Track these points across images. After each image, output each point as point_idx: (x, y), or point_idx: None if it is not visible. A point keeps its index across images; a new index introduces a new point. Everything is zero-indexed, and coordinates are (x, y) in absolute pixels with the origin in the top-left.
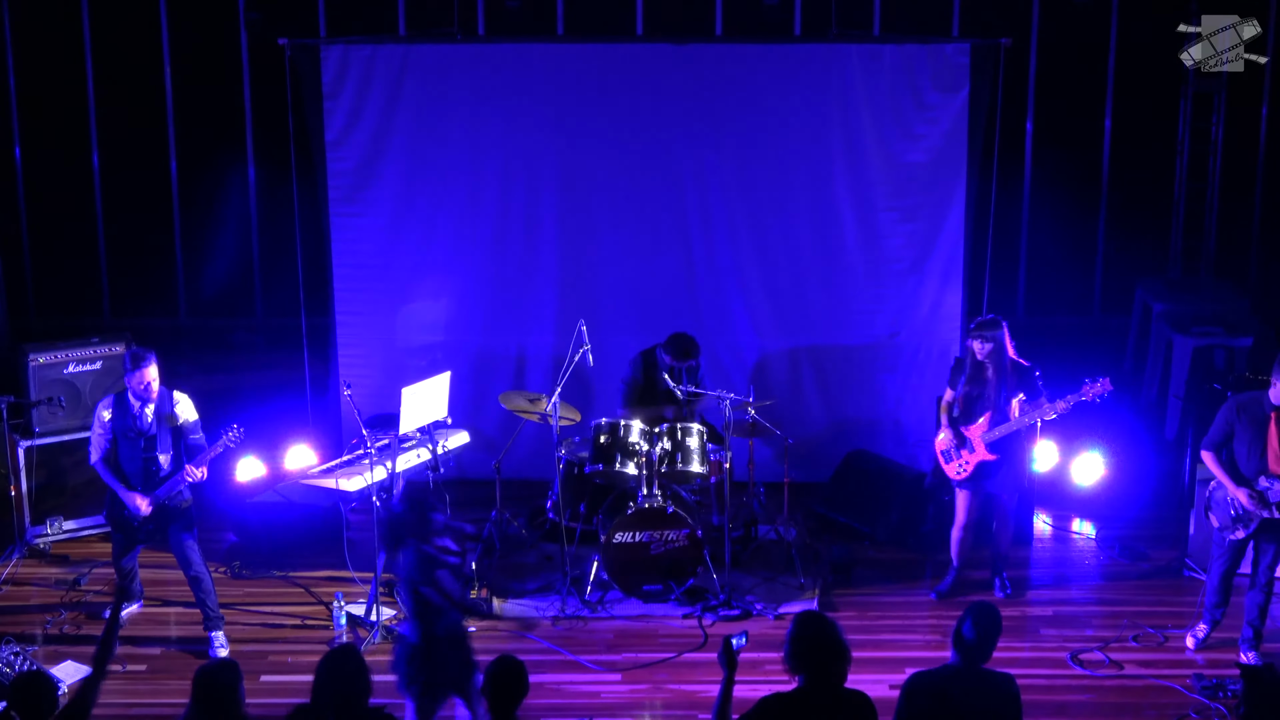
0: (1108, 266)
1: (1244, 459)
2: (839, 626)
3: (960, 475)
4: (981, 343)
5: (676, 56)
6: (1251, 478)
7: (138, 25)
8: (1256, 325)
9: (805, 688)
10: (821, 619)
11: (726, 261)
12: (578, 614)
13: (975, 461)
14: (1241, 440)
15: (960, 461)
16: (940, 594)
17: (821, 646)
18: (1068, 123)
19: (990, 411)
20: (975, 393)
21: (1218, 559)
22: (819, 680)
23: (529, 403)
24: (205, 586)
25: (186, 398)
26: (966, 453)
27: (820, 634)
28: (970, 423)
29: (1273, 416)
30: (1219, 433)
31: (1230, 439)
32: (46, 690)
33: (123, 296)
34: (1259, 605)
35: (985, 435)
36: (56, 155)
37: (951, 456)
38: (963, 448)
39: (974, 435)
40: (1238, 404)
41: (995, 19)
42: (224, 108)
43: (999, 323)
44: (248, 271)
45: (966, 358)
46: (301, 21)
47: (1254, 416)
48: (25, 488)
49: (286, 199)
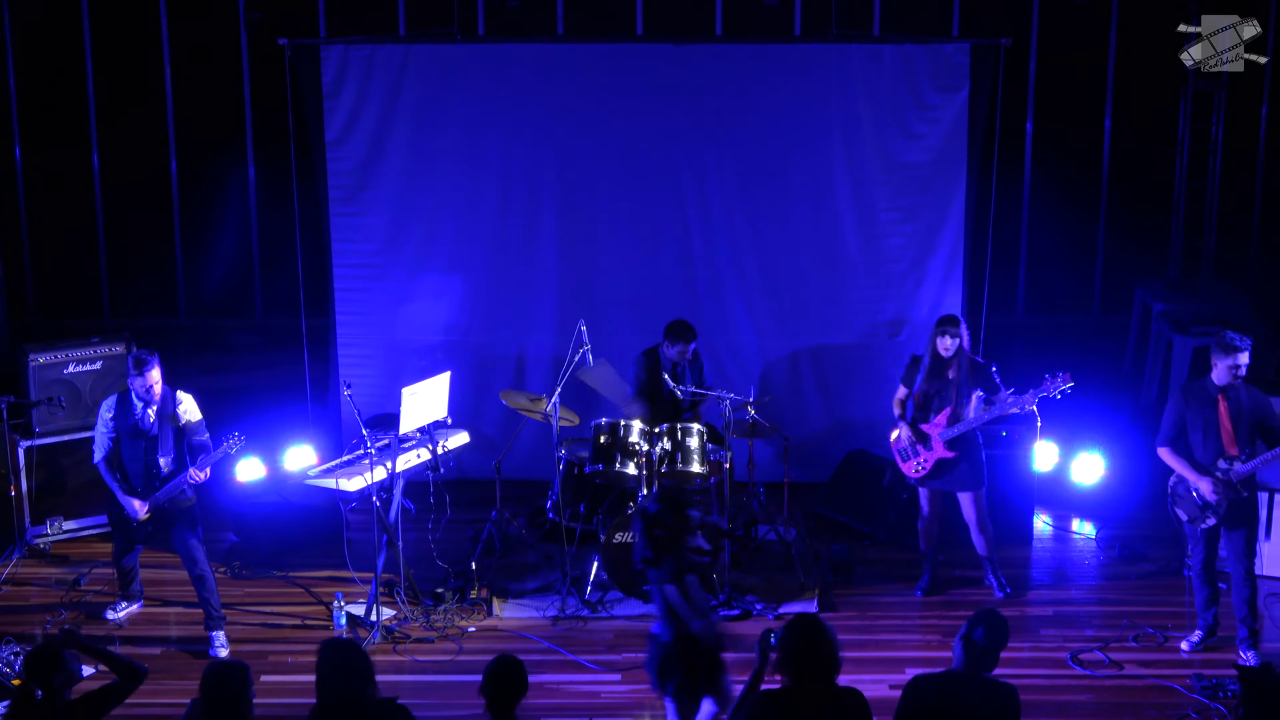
0: (1108, 266)
1: (1199, 446)
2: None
3: (919, 473)
4: (950, 339)
5: (676, 56)
6: (1209, 464)
7: (138, 25)
8: (1256, 325)
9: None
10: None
11: (726, 261)
12: (578, 614)
13: (934, 459)
14: (1195, 428)
15: (919, 460)
16: (924, 590)
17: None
18: (1068, 122)
19: (949, 409)
20: (934, 390)
21: (1195, 552)
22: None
23: (530, 402)
24: (209, 585)
25: (190, 398)
26: (924, 450)
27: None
28: (927, 420)
29: (1219, 399)
30: (1172, 426)
31: (1183, 431)
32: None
33: (123, 296)
34: (1246, 601)
35: (944, 433)
36: (56, 155)
37: (909, 455)
38: (920, 445)
39: (933, 433)
40: (1184, 394)
41: (995, 19)
42: (224, 108)
43: (960, 320)
44: (248, 271)
45: (926, 355)
46: (301, 21)
47: (1201, 401)
48: (25, 488)
49: (286, 199)
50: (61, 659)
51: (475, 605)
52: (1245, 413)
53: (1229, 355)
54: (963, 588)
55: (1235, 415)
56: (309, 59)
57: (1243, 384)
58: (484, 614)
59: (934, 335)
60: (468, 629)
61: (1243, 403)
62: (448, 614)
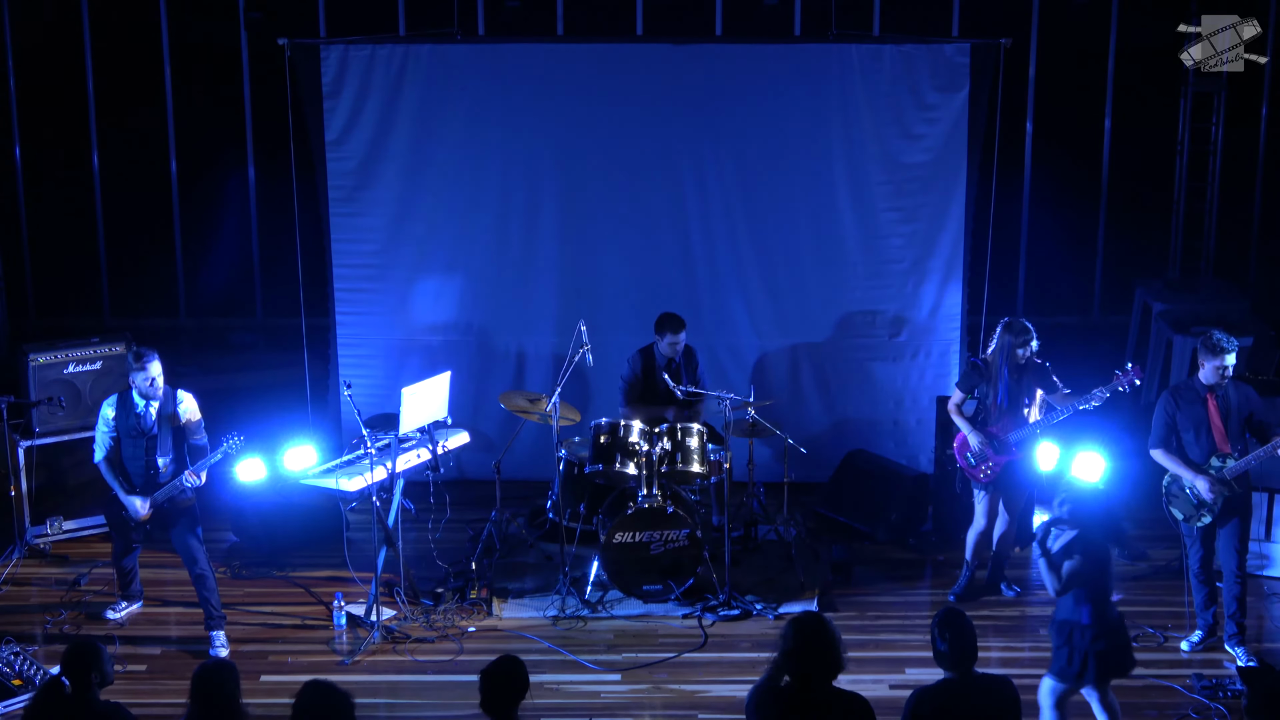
0: (1108, 266)
1: (1193, 446)
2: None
3: (988, 477)
4: (1029, 346)
5: (676, 56)
6: (1203, 462)
7: (138, 25)
8: (1256, 325)
9: (799, 685)
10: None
11: (726, 262)
12: (578, 614)
13: (1004, 462)
14: (1186, 428)
15: (988, 464)
16: (958, 595)
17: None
18: (1068, 123)
19: (1018, 412)
20: (1007, 396)
21: (1192, 550)
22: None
23: (529, 403)
24: (209, 585)
25: (191, 397)
26: (993, 455)
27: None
28: (994, 424)
29: (1208, 398)
30: (1163, 427)
31: (1175, 431)
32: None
33: (123, 296)
34: (1235, 597)
35: (1014, 435)
36: (56, 155)
37: (981, 459)
38: (990, 450)
39: (1005, 436)
40: (1173, 395)
41: (995, 19)
42: (224, 108)
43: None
44: (248, 271)
45: (999, 360)
46: (301, 21)
47: (1190, 401)
48: (25, 488)
49: (286, 199)
50: (102, 657)
51: (475, 605)
52: (1234, 410)
53: (1216, 356)
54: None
55: (1225, 413)
56: (309, 59)
57: (1230, 381)
58: (484, 614)
59: (1012, 342)
60: (468, 629)
61: (1231, 400)
62: (448, 614)
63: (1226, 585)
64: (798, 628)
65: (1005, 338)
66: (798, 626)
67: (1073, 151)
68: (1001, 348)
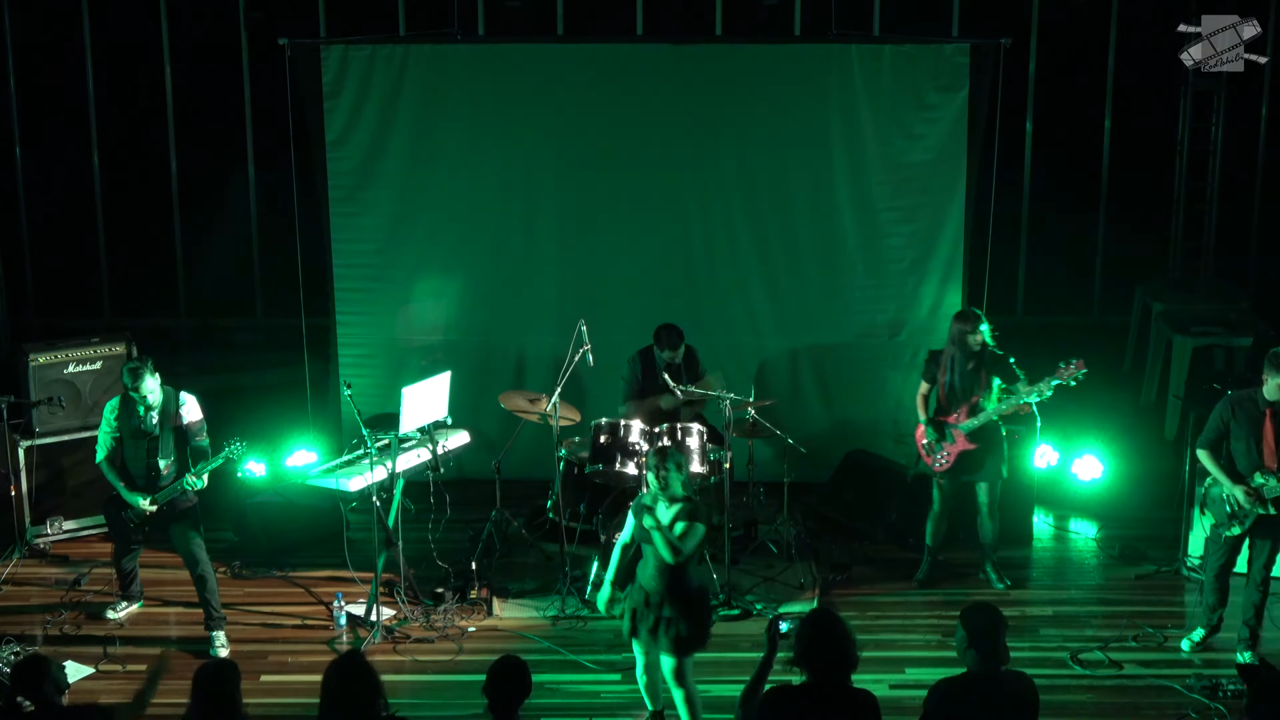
0: (1108, 266)
1: (1241, 456)
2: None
3: (942, 467)
4: (978, 332)
5: (676, 56)
6: (1247, 474)
7: (137, 25)
8: (1256, 325)
9: (812, 683)
10: (831, 616)
11: (726, 261)
12: (578, 614)
13: (957, 452)
14: (1239, 437)
15: (943, 454)
16: (919, 582)
17: (830, 644)
18: (1068, 123)
19: (971, 402)
20: (959, 384)
21: (1214, 555)
22: (826, 677)
23: (529, 403)
24: (210, 586)
25: (193, 399)
26: (948, 444)
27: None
28: (949, 414)
29: (1267, 414)
30: (1214, 430)
31: (1225, 437)
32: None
33: (123, 296)
34: (1254, 604)
35: (965, 425)
36: (56, 155)
37: (934, 449)
38: (944, 440)
39: (955, 425)
40: (1232, 401)
41: (995, 19)
42: (224, 108)
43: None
44: (248, 271)
45: (953, 350)
46: (301, 21)
47: (1249, 414)
48: (25, 488)
49: (286, 199)
50: (49, 668)
51: (475, 605)
52: None
53: None
54: (962, 585)
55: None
56: (309, 59)
57: None
58: (484, 614)
59: (963, 331)
60: (468, 629)
61: None
62: (448, 614)
63: (1247, 591)
64: (814, 623)
65: (954, 325)
66: (813, 622)
67: (1072, 151)
68: (953, 336)
